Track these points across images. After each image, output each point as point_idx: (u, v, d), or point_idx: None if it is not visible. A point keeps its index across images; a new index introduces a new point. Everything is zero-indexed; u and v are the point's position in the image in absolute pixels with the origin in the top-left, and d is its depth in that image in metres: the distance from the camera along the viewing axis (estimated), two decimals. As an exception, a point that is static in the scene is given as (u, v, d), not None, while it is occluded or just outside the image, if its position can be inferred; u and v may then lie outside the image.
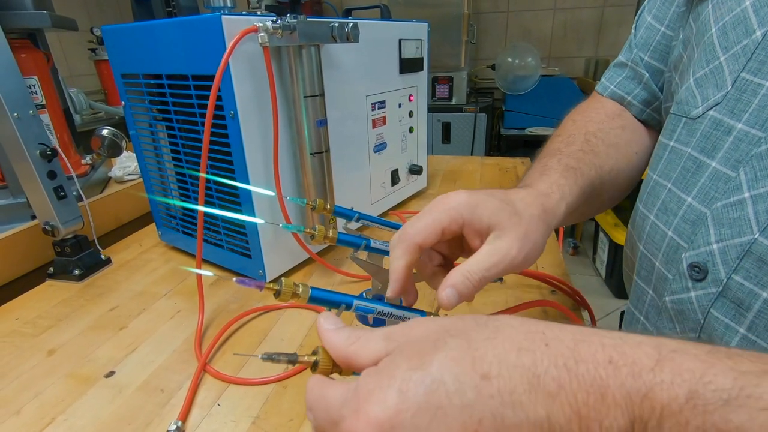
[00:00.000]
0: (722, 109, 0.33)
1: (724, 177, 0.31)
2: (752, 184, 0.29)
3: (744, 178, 0.30)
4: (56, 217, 0.57)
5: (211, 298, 0.55)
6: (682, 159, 0.36)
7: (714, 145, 0.33)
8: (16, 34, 0.74)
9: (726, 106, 0.32)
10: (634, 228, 0.41)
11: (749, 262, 0.29)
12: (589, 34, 2.41)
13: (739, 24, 0.33)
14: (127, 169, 0.93)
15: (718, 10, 0.35)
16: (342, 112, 0.61)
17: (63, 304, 0.55)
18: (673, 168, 0.37)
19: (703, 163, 0.33)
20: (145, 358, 0.45)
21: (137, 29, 0.53)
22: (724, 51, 0.33)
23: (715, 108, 0.33)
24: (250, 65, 0.47)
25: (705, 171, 0.33)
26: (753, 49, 0.31)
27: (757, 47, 0.31)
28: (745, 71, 0.31)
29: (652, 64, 0.46)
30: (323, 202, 0.42)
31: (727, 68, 0.33)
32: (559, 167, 0.40)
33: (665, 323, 0.36)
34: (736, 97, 0.32)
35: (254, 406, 0.39)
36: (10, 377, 0.43)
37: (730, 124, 0.32)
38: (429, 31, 0.77)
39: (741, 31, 0.32)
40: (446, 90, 2.11)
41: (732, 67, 0.33)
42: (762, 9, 0.31)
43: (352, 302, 0.29)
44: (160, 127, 0.60)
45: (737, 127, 0.31)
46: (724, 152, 0.32)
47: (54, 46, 0.87)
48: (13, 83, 0.53)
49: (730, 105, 0.32)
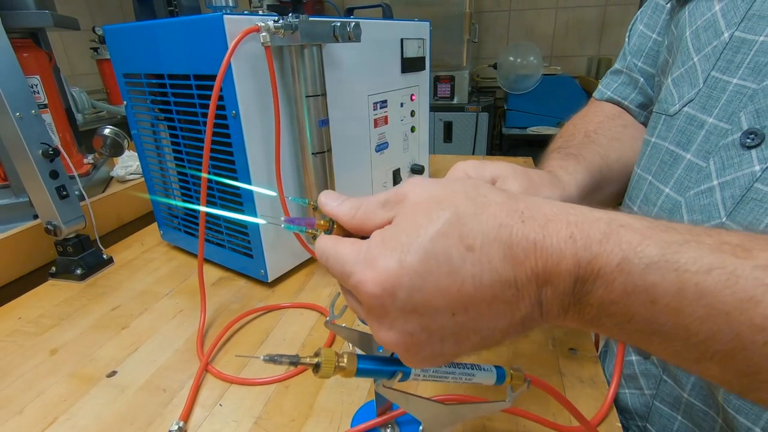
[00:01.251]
0: (695, 105, 0.36)
1: (696, 167, 0.34)
2: (720, 173, 0.32)
3: (713, 167, 0.33)
4: (58, 216, 0.58)
5: (212, 297, 0.55)
6: (660, 153, 0.39)
7: (689, 138, 0.36)
8: (18, 33, 0.74)
9: (698, 102, 0.35)
10: None
11: None
12: (591, 32, 2.40)
13: (709, 27, 0.36)
14: (128, 169, 0.93)
15: (693, 15, 0.38)
16: (344, 112, 0.61)
17: (65, 303, 0.56)
18: (653, 162, 0.39)
19: (679, 156, 0.36)
20: (147, 357, 0.45)
21: (139, 29, 0.53)
22: (697, 52, 0.37)
23: (689, 104, 0.36)
24: (251, 65, 0.47)
25: (681, 163, 0.36)
26: (721, 50, 0.34)
27: (725, 47, 0.34)
28: (715, 70, 0.35)
29: (645, 69, 0.49)
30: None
31: (699, 67, 0.36)
32: (558, 156, 0.42)
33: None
34: (707, 94, 0.35)
35: (256, 406, 0.39)
36: (13, 376, 0.43)
37: (702, 118, 0.35)
38: (431, 31, 0.77)
39: (711, 33, 0.35)
40: (448, 89, 2.11)
41: (704, 66, 0.36)
42: (729, 13, 0.34)
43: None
44: (162, 127, 0.60)
45: (708, 121, 0.34)
46: (697, 145, 0.35)
47: (56, 46, 0.87)
48: (15, 83, 0.53)
49: (702, 101, 0.35)
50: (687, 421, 0.37)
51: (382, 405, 0.35)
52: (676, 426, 0.38)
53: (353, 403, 0.38)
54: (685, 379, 0.37)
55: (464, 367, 0.25)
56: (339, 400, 0.39)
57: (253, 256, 0.55)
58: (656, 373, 0.40)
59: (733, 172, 0.31)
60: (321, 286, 0.57)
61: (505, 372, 0.27)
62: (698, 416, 0.37)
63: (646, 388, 0.40)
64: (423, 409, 0.25)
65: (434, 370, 0.25)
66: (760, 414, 0.31)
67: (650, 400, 0.40)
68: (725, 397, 0.33)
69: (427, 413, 0.26)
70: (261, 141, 0.50)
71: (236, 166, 0.51)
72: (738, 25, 0.33)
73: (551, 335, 0.46)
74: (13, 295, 0.57)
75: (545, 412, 0.36)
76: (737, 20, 0.34)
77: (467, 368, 0.25)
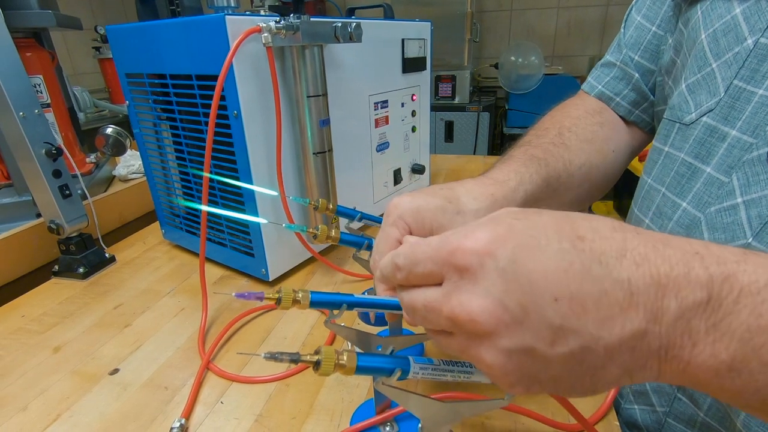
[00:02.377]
0: (716, 116, 0.33)
1: (717, 182, 0.32)
2: (745, 189, 0.30)
3: (737, 183, 0.30)
4: (61, 215, 0.58)
5: (214, 296, 0.55)
6: (675, 164, 0.36)
7: (709, 151, 0.33)
8: (21, 33, 0.75)
9: (719, 113, 0.33)
10: None
11: None
12: (593, 32, 2.40)
13: (729, 31, 0.33)
14: (131, 168, 0.93)
15: (708, 16, 0.35)
16: (345, 112, 0.61)
17: (68, 301, 0.56)
18: (666, 173, 0.37)
19: (698, 169, 0.34)
20: (149, 355, 0.46)
21: (141, 29, 0.54)
22: (716, 58, 0.34)
23: (708, 114, 0.34)
24: (253, 65, 0.48)
25: (700, 177, 0.33)
26: (745, 57, 0.32)
27: (749, 55, 0.31)
28: (738, 78, 0.32)
29: (642, 64, 0.45)
30: (326, 201, 0.42)
31: (719, 75, 0.33)
32: (522, 157, 0.40)
33: None
34: (729, 104, 0.32)
35: (257, 404, 0.39)
36: (17, 373, 0.44)
37: (725, 130, 0.32)
38: (432, 31, 0.77)
39: (732, 38, 0.33)
40: (449, 89, 2.11)
41: (724, 74, 0.33)
42: (753, 17, 0.31)
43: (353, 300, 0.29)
44: (164, 126, 0.60)
45: (731, 133, 0.32)
46: (719, 158, 0.32)
47: (58, 45, 0.88)
48: (18, 83, 0.54)
49: (723, 112, 0.33)
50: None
51: (381, 403, 0.35)
52: None
53: (353, 401, 0.39)
54: (702, 399, 0.35)
55: (463, 365, 0.25)
56: (339, 398, 0.39)
57: (254, 255, 0.56)
58: (670, 391, 0.38)
59: (759, 190, 0.29)
60: (321, 285, 0.58)
61: None
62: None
63: (659, 405, 0.38)
64: (422, 407, 0.26)
65: (432, 368, 0.25)
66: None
67: (663, 417, 0.38)
68: (746, 421, 0.31)
69: (426, 411, 0.26)
70: (262, 141, 0.51)
71: (238, 166, 0.51)
72: (764, 31, 0.30)
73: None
74: (16, 293, 0.58)
75: (543, 410, 0.36)
76: (762, 26, 0.31)
77: (465, 366, 0.25)
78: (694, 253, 0.18)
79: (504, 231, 0.19)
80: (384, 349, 0.31)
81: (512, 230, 0.19)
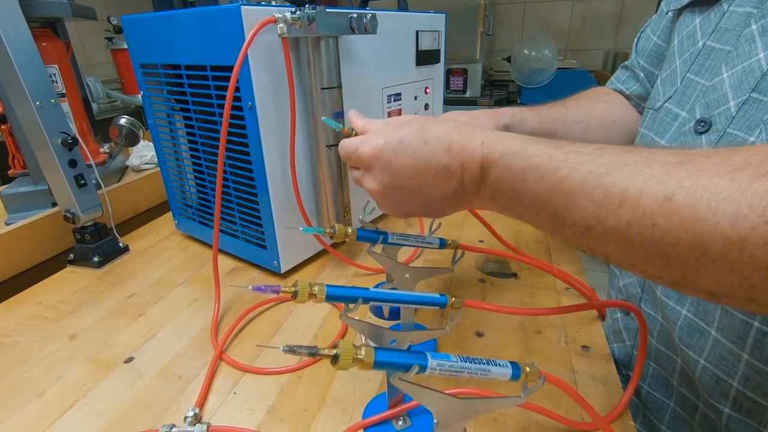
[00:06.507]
0: (673, 101, 0.44)
1: None
2: None
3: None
4: (76, 204, 0.59)
5: (226, 287, 0.55)
6: (645, 141, 0.47)
7: (665, 128, 0.44)
8: (37, 23, 0.75)
9: (675, 99, 0.44)
10: None
11: None
12: (608, 25, 2.35)
13: (690, 36, 0.45)
14: (143, 158, 0.94)
15: (680, 26, 0.47)
16: (358, 104, 0.60)
17: (83, 290, 0.57)
18: None
19: (656, 143, 0.45)
20: (163, 345, 0.46)
21: (156, 19, 0.54)
22: (679, 57, 0.45)
23: (668, 101, 0.45)
24: (268, 56, 0.47)
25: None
26: (696, 55, 0.43)
27: (699, 54, 0.42)
28: (689, 72, 0.43)
29: (646, 67, 0.57)
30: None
31: (679, 70, 0.45)
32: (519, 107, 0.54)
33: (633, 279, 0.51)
34: (681, 92, 0.43)
35: (269, 395, 0.39)
36: (35, 360, 0.45)
37: (677, 112, 0.43)
38: (447, 23, 0.76)
39: (690, 42, 0.44)
40: (461, 82, 2.09)
41: (682, 69, 0.44)
42: (705, 25, 0.43)
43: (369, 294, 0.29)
44: (178, 117, 0.60)
45: (681, 114, 0.42)
46: (670, 134, 0.43)
47: (72, 35, 0.88)
48: (35, 72, 0.54)
49: (677, 98, 0.44)
50: (657, 366, 0.45)
51: (394, 397, 0.35)
52: (650, 371, 0.46)
53: (365, 394, 0.39)
54: (653, 328, 0.46)
55: (480, 362, 0.25)
56: (351, 391, 0.39)
57: (266, 247, 0.56)
58: (634, 326, 0.51)
59: None
60: (333, 278, 0.58)
61: (521, 368, 0.27)
62: (664, 359, 0.46)
63: (627, 339, 0.48)
64: (437, 403, 0.26)
65: (450, 364, 0.25)
66: (703, 347, 0.40)
67: (630, 350, 0.48)
68: (679, 336, 0.42)
69: (441, 407, 0.26)
70: (276, 133, 0.50)
71: (251, 158, 0.51)
72: (709, 35, 0.41)
73: (563, 332, 0.46)
74: (32, 280, 0.59)
75: (557, 408, 0.35)
76: (709, 32, 0.42)
77: (483, 363, 0.25)
78: (480, 142, 0.31)
79: (382, 142, 0.34)
80: (400, 343, 0.31)
81: (387, 142, 0.34)
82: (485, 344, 0.45)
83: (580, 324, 0.47)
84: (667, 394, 0.46)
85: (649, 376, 0.47)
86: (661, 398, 0.46)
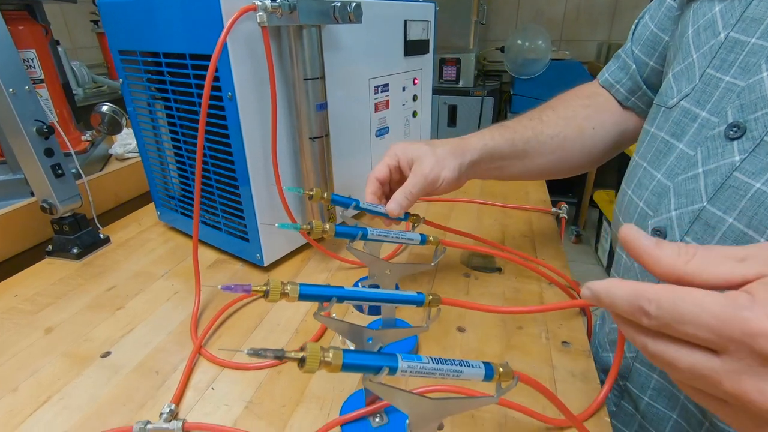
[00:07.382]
0: (691, 100, 0.39)
1: (686, 156, 0.37)
2: (705, 161, 0.35)
3: (700, 156, 0.36)
4: (54, 195, 0.57)
5: (208, 280, 0.55)
6: (656, 142, 0.42)
7: (682, 130, 0.39)
8: (12, 5, 0.73)
9: (694, 97, 0.38)
10: (617, 204, 0.47)
11: (698, 225, 0.35)
12: (602, 16, 2.34)
13: (709, 26, 0.38)
14: (127, 147, 0.92)
15: (696, 14, 0.41)
16: (343, 96, 0.59)
17: (61, 282, 0.56)
18: (649, 150, 0.43)
19: (672, 145, 0.40)
20: (142, 339, 0.45)
21: (134, 4, 0.52)
22: (697, 49, 0.39)
23: (685, 98, 0.39)
24: (248, 46, 0.46)
25: (674, 152, 0.39)
26: (717, 49, 0.37)
27: (720, 47, 0.37)
28: (710, 67, 0.37)
29: (639, 56, 0.52)
30: (320, 190, 0.41)
31: (697, 65, 0.39)
32: (493, 126, 0.53)
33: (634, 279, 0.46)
34: (702, 90, 0.38)
35: (248, 391, 0.39)
36: (8, 354, 0.44)
37: (696, 112, 0.38)
38: (436, 12, 0.75)
39: (710, 32, 0.38)
40: (453, 72, 2.07)
41: (701, 63, 0.38)
42: (727, 14, 0.37)
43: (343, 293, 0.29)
44: (159, 106, 0.59)
45: (701, 114, 0.37)
46: (690, 136, 0.38)
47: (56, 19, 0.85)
48: (7, 57, 0.52)
49: (697, 96, 0.38)
50: (661, 378, 0.42)
51: (371, 395, 0.35)
52: (652, 383, 0.43)
53: (344, 390, 0.39)
54: None
55: (452, 363, 0.25)
56: (330, 387, 0.39)
57: (249, 240, 0.55)
58: None
59: (716, 161, 0.34)
60: (317, 272, 0.57)
61: (494, 369, 0.26)
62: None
63: (628, 351, 0.45)
64: (409, 404, 0.25)
65: (421, 366, 0.24)
66: None
67: (631, 362, 0.45)
68: None
69: (414, 408, 0.26)
70: (257, 124, 0.49)
71: (232, 149, 0.50)
72: (733, 26, 0.36)
73: (545, 327, 0.46)
74: (9, 272, 0.58)
75: (535, 404, 0.36)
76: (733, 22, 0.36)
77: (455, 365, 0.25)
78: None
79: None
80: (374, 343, 0.30)
81: None
82: (466, 340, 0.45)
83: (561, 320, 0.47)
84: (671, 406, 0.42)
85: (651, 388, 0.43)
86: (663, 410, 0.42)
